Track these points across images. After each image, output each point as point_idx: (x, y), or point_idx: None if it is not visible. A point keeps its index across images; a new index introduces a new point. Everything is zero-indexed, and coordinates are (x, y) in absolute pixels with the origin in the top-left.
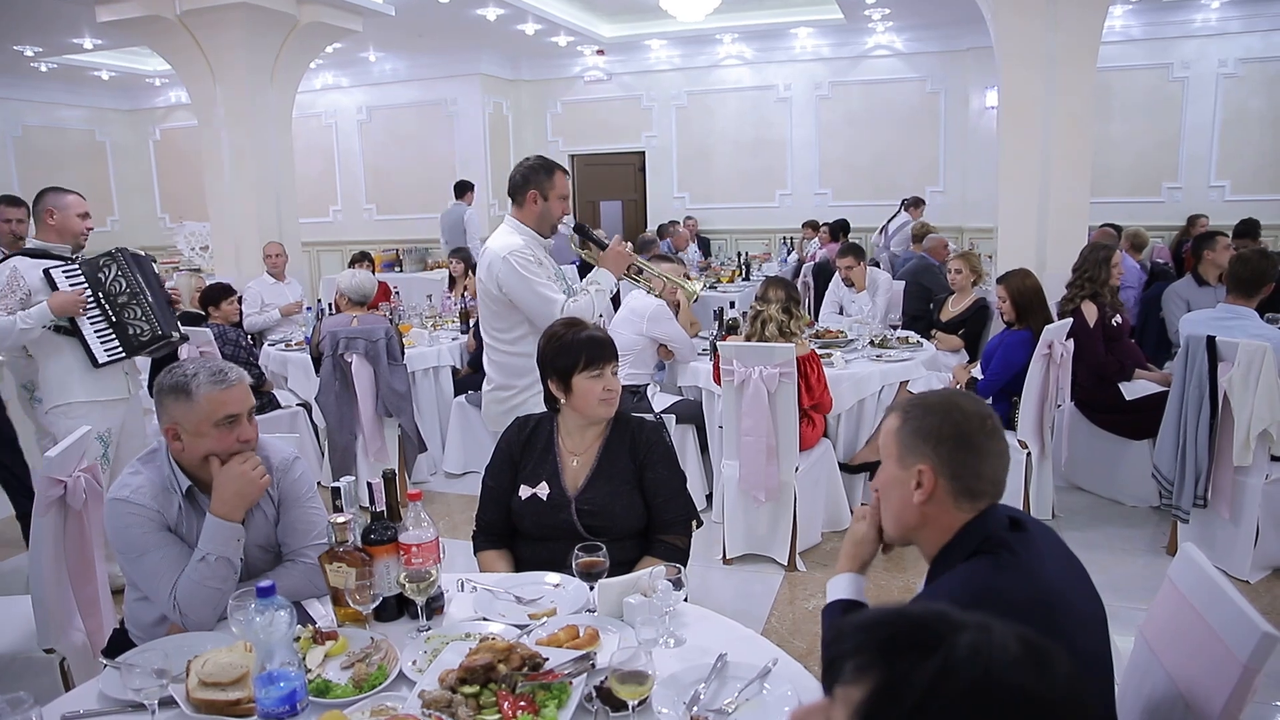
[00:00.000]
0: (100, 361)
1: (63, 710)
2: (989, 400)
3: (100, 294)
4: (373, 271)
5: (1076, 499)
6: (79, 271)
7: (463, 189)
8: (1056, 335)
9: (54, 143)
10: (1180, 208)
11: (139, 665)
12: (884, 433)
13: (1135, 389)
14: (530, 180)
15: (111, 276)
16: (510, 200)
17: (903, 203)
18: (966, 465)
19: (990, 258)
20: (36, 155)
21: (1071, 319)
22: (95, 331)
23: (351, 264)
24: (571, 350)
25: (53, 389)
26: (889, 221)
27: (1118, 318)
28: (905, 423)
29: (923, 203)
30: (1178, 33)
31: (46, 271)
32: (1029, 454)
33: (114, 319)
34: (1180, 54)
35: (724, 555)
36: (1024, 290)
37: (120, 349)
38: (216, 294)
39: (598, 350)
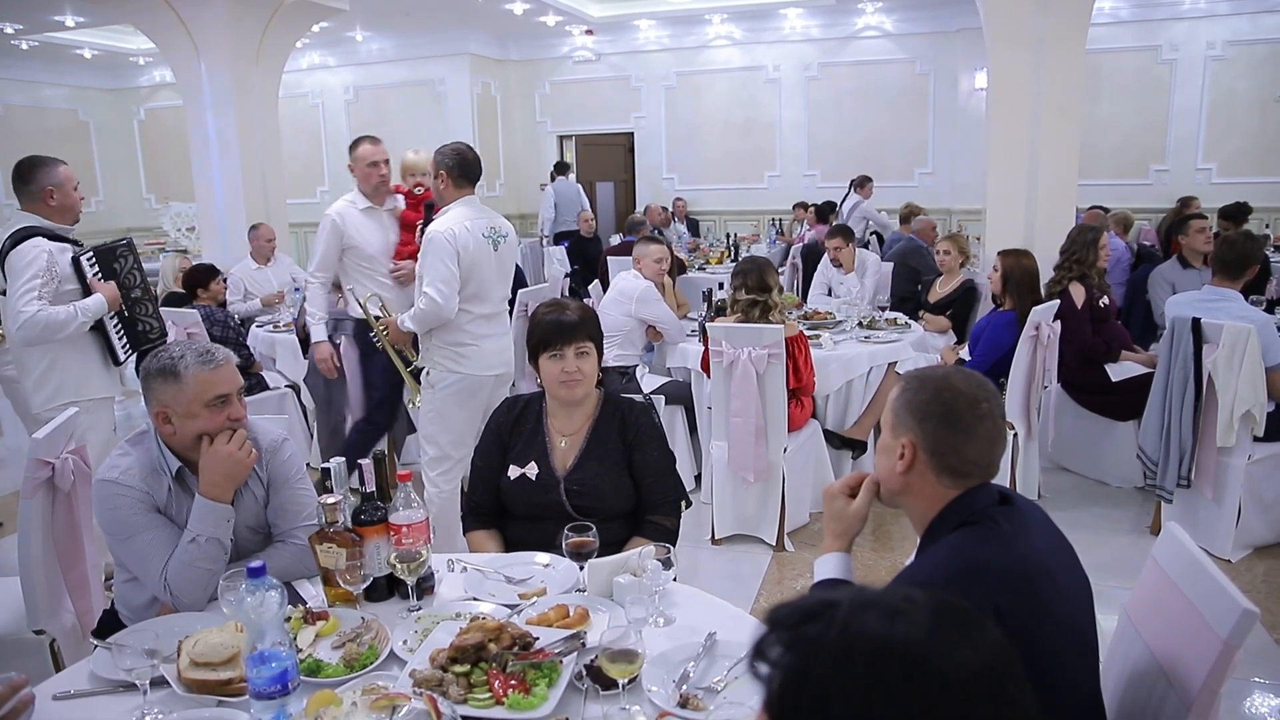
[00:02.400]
0: (120, 360)
1: (54, 690)
2: None
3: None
4: None
5: (1062, 479)
6: (95, 261)
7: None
8: (1044, 317)
9: (36, 122)
10: (1168, 190)
11: (130, 645)
12: (888, 400)
13: (1121, 370)
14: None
15: (126, 268)
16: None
17: (851, 183)
18: (949, 445)
19: (979, 239)
20: (18, 135)
21: (1059, 300)
22: (113, 328)
23: None
24: (536, 332)
25: (68, 386)
26: (841, 203)
27: (1105, 299)
28: (901, 393)
29: (870, 181)
30: (1167, 15)
31: (76, 260)
32: (1015, 435)
33: (125, 314)
34: (1169, 36)
35: (713, 535)
36: (1019, 269)
37: (129, 346)
38: (203, 275)
39: (555, 332)
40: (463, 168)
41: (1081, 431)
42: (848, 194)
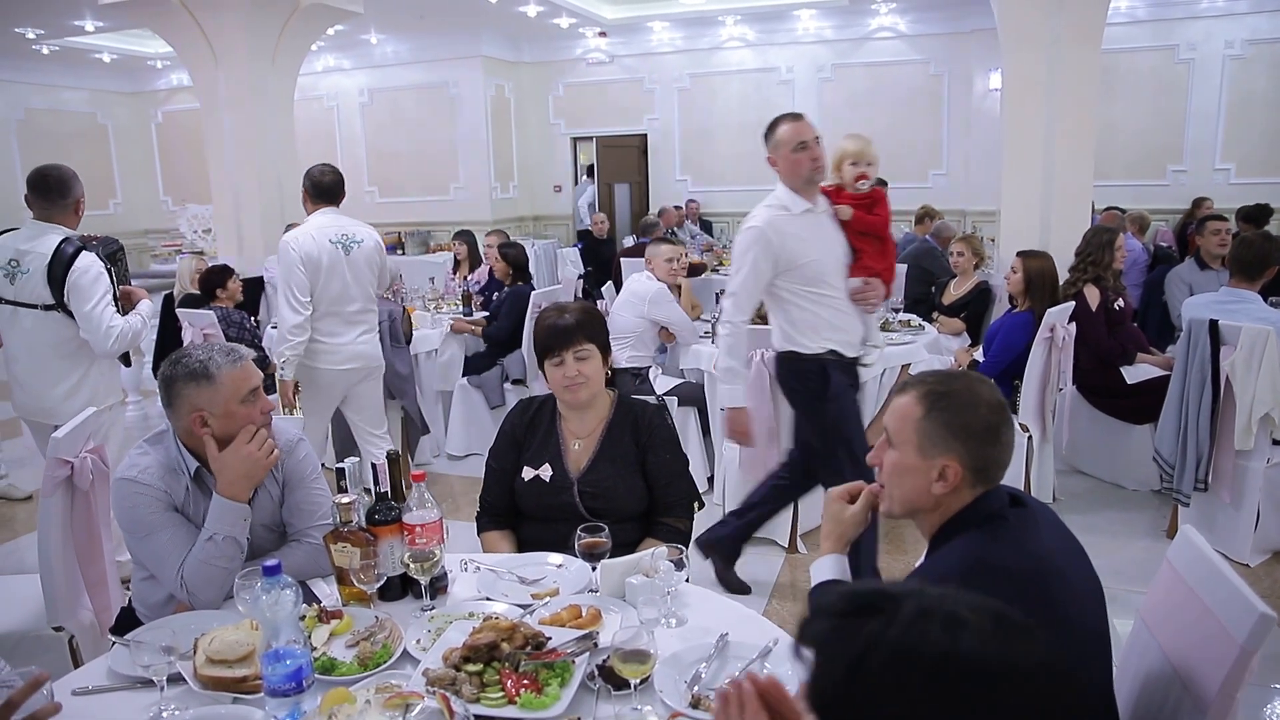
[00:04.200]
0: (130, 362)
1: (73, 685)
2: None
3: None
4: None
5: (1077, 482)
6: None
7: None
8: (1058, 318)
9: (56, 125)
10: (1185, 191)
11: (147, 642)
12: (900, 418)
13: (1137, 373)
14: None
15: (123, 269)
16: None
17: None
18: (990, 457)
19: (993, 240)
20: (39, 138)
21: (1073, 302)
22: None
23: None
24: (539, 338)
25: (99, 393)
26: None
27: (1120, 301)
28: (931, 413)
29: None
30: (1184, 14)
31: (108, 268)
32: (1030, 437)
33: (123, 312)
34: (1186, 35)
35: None
36: (1041, 271)
37: None
38: (219, 276)
39: (553, 338)
40: (316, 189)
41: (1097, 434)
42: None
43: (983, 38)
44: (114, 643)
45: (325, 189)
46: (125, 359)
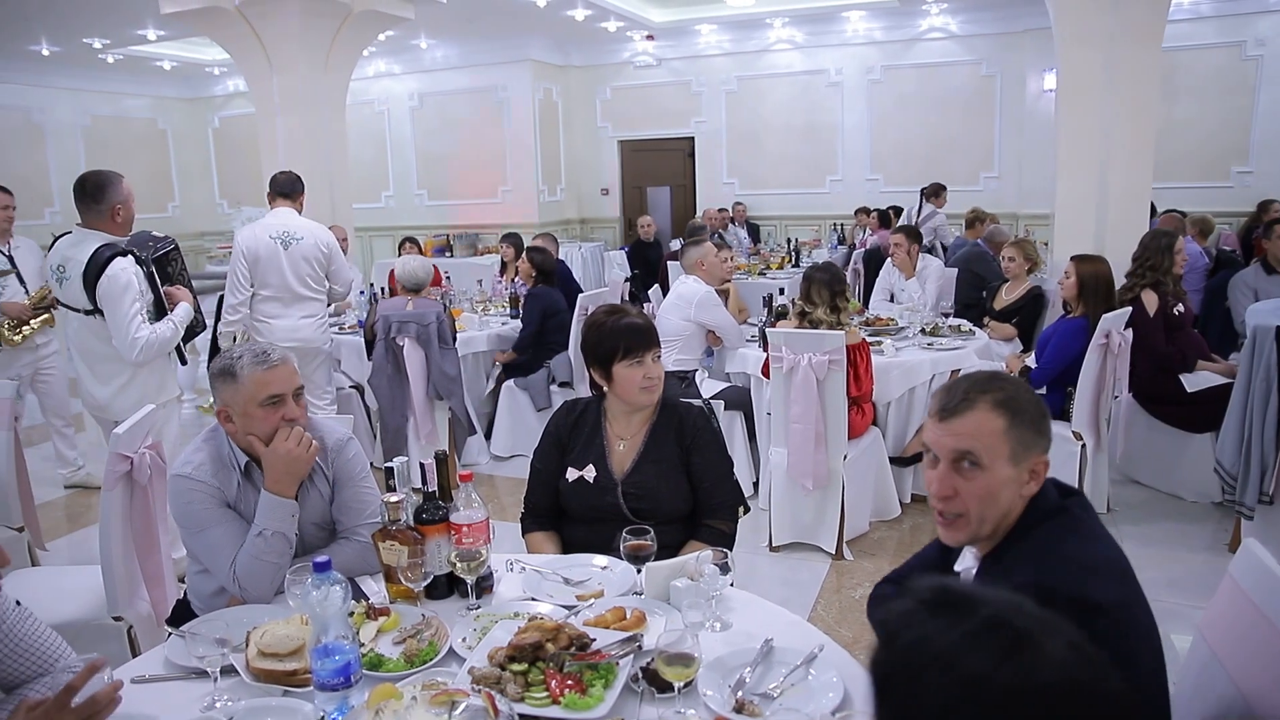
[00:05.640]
0: (186, 360)
1: (132, 673)
2: (1043, 390)
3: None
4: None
5: (1133, 493)
6: (155, 269)
7: None
8: (1114, 324)
9: (119, 131)
10: (1250, 193)
11: (202, 634)
12: (986, 434)
13: (1197, 380)
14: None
15: (178, 270)
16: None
17: (922, 192)
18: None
19: (1045, 245)
20: (103, 144)
21: (1130, 308)
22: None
23: (400, 248)
24: (611, 338)
25: (149, 392)
26: (918, 215)
27: (1180, 306)
28: (1016, 419)
29: (944, 190)
30: (1253, 8)
31: (150, 273)
32: (1084, 446)
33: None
34: (1255, 31)
35: (770, 542)
36: (1096, 275)
37: (182, 341)
38: None
39: (637, 338)
40: (272, 185)
41: (1154, 443)
42: (921, 204)
43: (1037, 37)
44: (170, 634)
45: (277, 184)
46: (181, 356)
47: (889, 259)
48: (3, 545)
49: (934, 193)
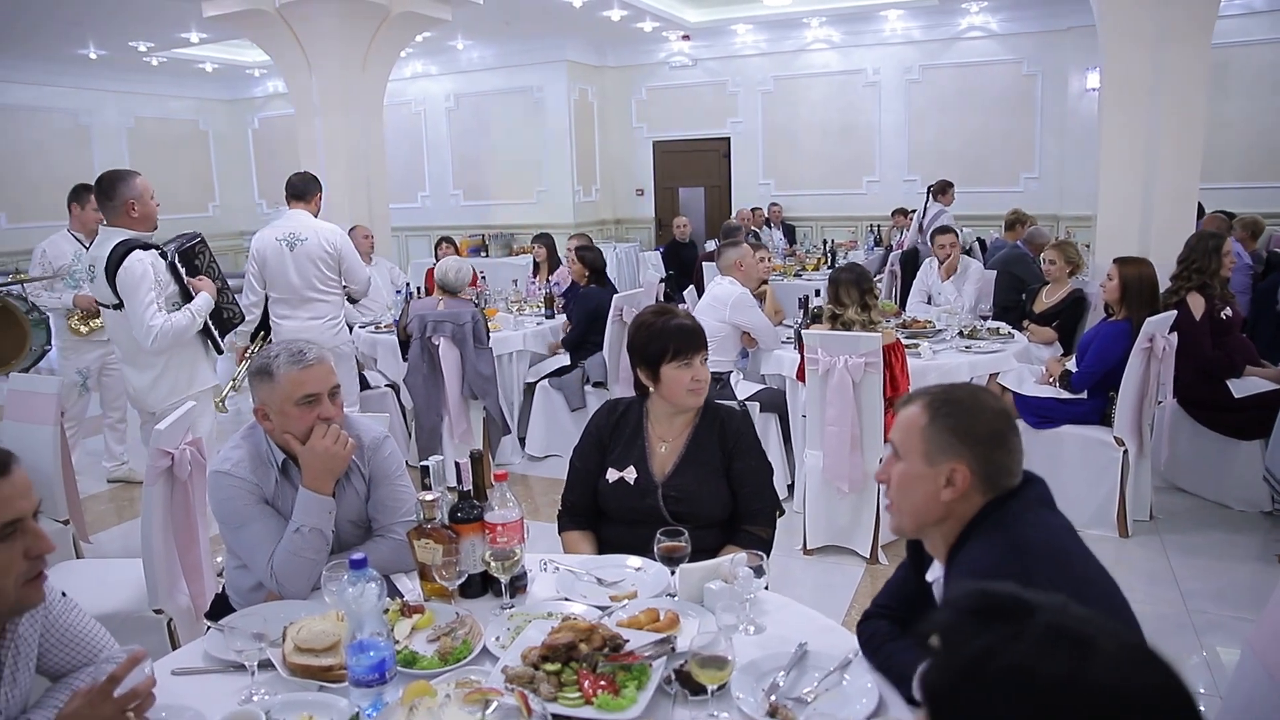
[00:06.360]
0: (222, 350)
1: (172, 666)
2: (1084, 394)
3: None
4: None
5: (1177, 501)
6: (181, 261)
7: None
8: (1159, 328)
9: (162, 133)
10: None
11: (240, 628)
12: (906, 428)
13: (1245, 386)
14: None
15: (206, 262)
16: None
17: (929, 190)
18: (997, 462)
19: (1087, 247)
20: (147, 145)
21: (1175, 311)
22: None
23: (436, 248)
24: (660, 339)
25: (181, 381)
26: (923, 217)
27: (1228, 310)
28: (936, 420)
29: (951, 186)
30: None
31: (173, 265)
32: (1125, 452)
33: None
34: None
35: (804, 545)
36: (1139, 278)
37: (217, 332)
38: None
39: (686, 339)
40: (288, 188)
41: (1199, 450)
42: (927, 202)
43: (1080, 35)
44: (209, 627)
45: (291, 187)
46: (216, 346)
47: (926, 261)
48: (50, 536)
49: (941, 190)
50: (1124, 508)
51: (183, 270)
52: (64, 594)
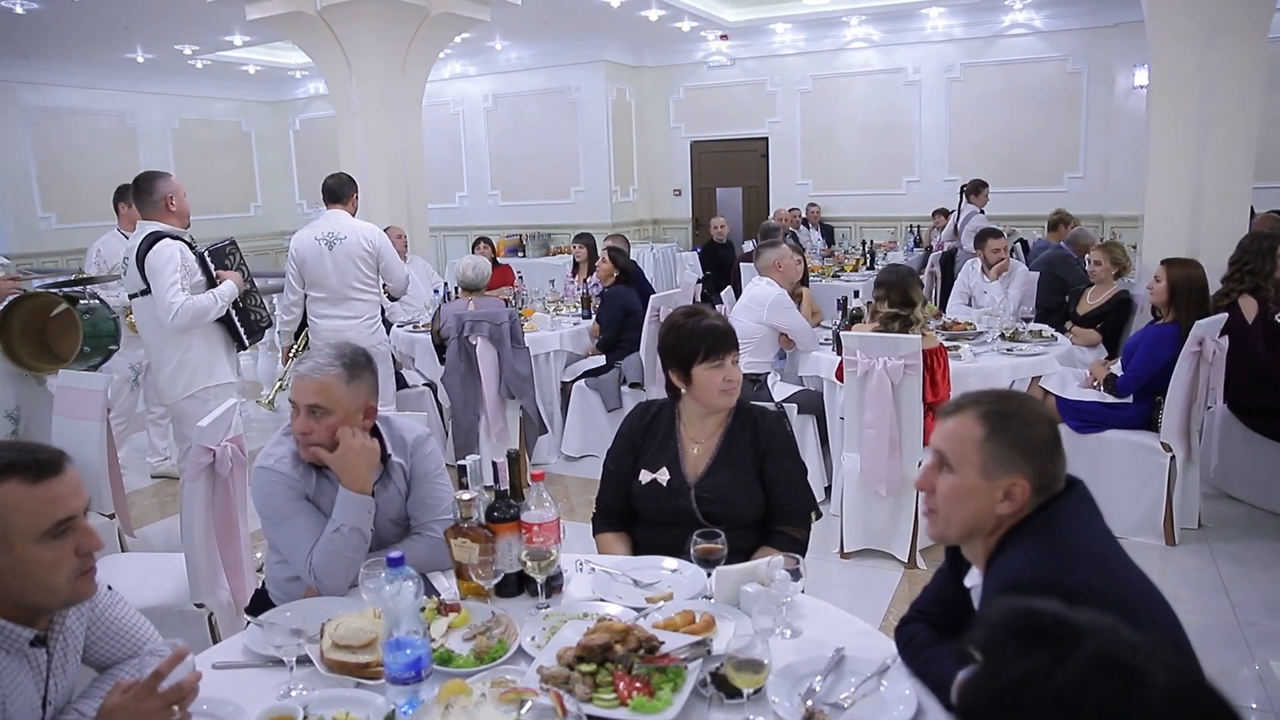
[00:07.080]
0: (245, 344)
1: (213, 660)
2: (1129, 399)
3: None
4: (494, 256)
5: (1227, 508)
6: (211, 259)
7: None
8: (1209, 331)
9: (206, 134)
10: None
11: (279, 624)
12: (959, 439)
13: None
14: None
15: (235, 265)
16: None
17: (962, 190)
18: (1052, 472)
19: (1134, 247)
20: (191, 146)
21: (1226, 314)
22: (235, 316)
23: (474, 248)
24: (691, 340)
25: (200, 373)
26: (958, 218)
27: None
28: (994, 434)
29: (985, 187)
30: None
31: (201, 256)
32: (1173, 458)
33: (240, 305)
34: None
35: (841, 549)
36: (1188, 280)
37: (247, 334)
38: None
39: (717, 340)
40: (324, 190)
41: (1250, 457)
42: (961, 204)
43: (1127, 31)
44: (249, 622)
45: (327, 189)
46: (239, 342)
47: (968, 263)
48: (96, 530)
49: (974, 190)
50: (1171, 515)
51: (211, 265)
52: (110, 587)
